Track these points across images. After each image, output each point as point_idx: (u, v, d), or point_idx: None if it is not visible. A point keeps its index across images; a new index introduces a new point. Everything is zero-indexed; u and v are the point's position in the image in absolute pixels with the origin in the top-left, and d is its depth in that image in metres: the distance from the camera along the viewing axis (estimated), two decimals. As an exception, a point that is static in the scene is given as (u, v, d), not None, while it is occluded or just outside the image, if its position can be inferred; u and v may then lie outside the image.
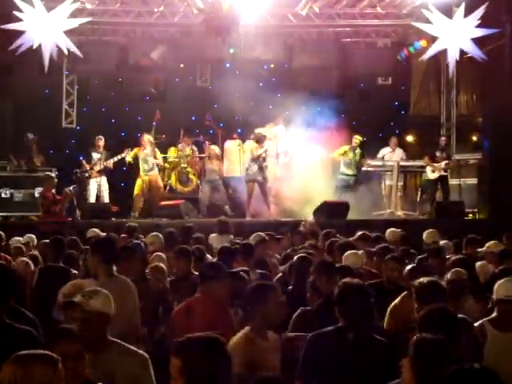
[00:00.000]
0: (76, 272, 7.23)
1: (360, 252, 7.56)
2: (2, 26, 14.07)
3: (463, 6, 14.54)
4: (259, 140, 14.75)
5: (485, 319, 5.06)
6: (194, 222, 12.55)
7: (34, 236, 10.30)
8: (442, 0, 14.81)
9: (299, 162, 15.85)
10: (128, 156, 15.31)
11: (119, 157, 15.20)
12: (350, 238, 8.91)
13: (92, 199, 15.18)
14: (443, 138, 16.00)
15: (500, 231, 9.87)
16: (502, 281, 5.10)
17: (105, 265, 5.76)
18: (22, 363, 2.89)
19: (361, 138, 15.98)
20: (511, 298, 4.90)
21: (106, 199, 15.19)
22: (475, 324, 5.03)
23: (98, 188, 15.14)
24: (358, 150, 16.01)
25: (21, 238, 9.88)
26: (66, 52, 14.88)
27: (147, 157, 15.38)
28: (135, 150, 15.38)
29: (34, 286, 7.25)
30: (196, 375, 3.03)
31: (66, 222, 12.89)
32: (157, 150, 15.67)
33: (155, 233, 9.50)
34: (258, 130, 15.16)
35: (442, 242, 9.23)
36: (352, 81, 17.44)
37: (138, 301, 5.89)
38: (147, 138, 15.43)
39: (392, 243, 8.91)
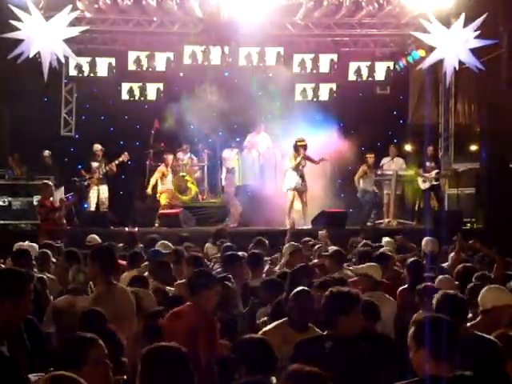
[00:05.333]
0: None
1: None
2: (1, 35, 14.13)
3: (463, 16, 14.62)
4: (295, 148, 14.75)
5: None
6: (191, 231, 12.76)
7: None
8: (440, 11, 14.89)
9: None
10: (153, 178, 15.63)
11: (116, 162, 15.25)
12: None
13: (92, 207, 15.25)
14: (430, 148, 16.10)
15: (496, 240, 9.95)
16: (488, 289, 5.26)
17: (104, 273, 5.81)
18: None
19: (373, 155, 16.03)
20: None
21: (106, 207, 15.26)
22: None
23: (98, 196, 15.22)
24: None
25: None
26: (63, 61, 14.94)
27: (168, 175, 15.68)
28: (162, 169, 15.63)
29: None
30: (151, 382, 3.10)
31: (64, 230, 12.92)
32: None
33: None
34: (299, 138, 15.00)
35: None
36: (350, 90, 17.53)
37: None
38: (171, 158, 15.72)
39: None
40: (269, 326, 5.25)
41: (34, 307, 4.30)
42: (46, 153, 15.87)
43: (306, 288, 5.31)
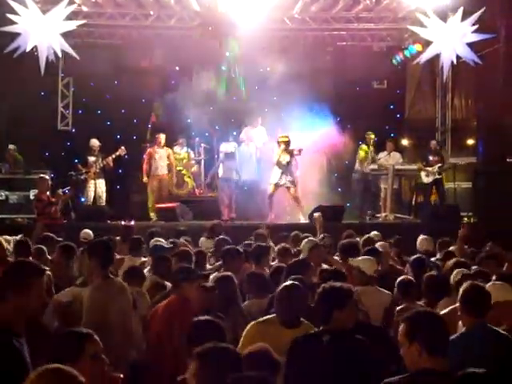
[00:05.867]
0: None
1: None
2: (-2, 29, 14.10)
3: (461, 10, 14.59)
4: (278, 144, 14.82)
5: None
6: (188, 225, 12.77)
7: None
8: (437, 5, 14.87)
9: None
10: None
11: (113, 156, 15.24)
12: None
13: (89, 201, 15.25)
14: (434, 142, 16.14)
15: (493, 235, 9.98)
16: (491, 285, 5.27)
17: (101, 268, 5.81)
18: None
19: (373, 136, 16.02)
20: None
21: (103, 201, 15.27)
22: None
23: (95, 190, 15.22)
24: (371, 148, 16.05)
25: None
26: (60, 55, 14.92)
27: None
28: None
29: None
30: (206, 381, 3.13)
31: (61, 224, 12.93)
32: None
33: None
34: (281, 134, 15.04)
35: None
36: (347, 84, 17.51)
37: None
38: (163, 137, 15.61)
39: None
40: (255, 321, 5.15)
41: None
42: (11, 147, 15.83)
43: (295, 282, 5.15)
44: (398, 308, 6.13)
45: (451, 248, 8.91)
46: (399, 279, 6.44)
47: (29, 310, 3.94)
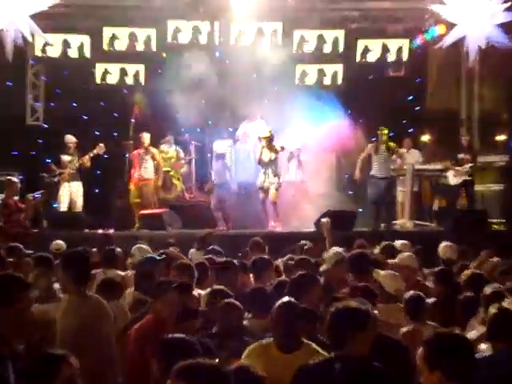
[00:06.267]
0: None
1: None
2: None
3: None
4: (259, 140, 14.90)
5: None
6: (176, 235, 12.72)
7: None
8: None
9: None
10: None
11: (91, 154, 15.16)
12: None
13: (63, 207, 15.15)
14: (465, 138, 16.03)
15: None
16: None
17: (76, 283, 5.76)
18: None
19: (386, 132, 15.67)
20: None
21: (80, 207, 15.17)
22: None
23: (70, 195, 15.12)
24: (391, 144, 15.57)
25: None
26: (30, 39, 14.86)
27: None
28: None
29: None
30: None
31: (31, 234, 12.86)
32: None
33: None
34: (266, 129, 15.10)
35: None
36: (359, 72, 17.42)
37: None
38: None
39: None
40: (254, 344, 5.15)
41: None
42: None
43: (291, 300, 5.15)
44: (403, 329, 6.05)
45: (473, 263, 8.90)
46: (407, 295, 6.40)
47: (14, 327, 4.02)
